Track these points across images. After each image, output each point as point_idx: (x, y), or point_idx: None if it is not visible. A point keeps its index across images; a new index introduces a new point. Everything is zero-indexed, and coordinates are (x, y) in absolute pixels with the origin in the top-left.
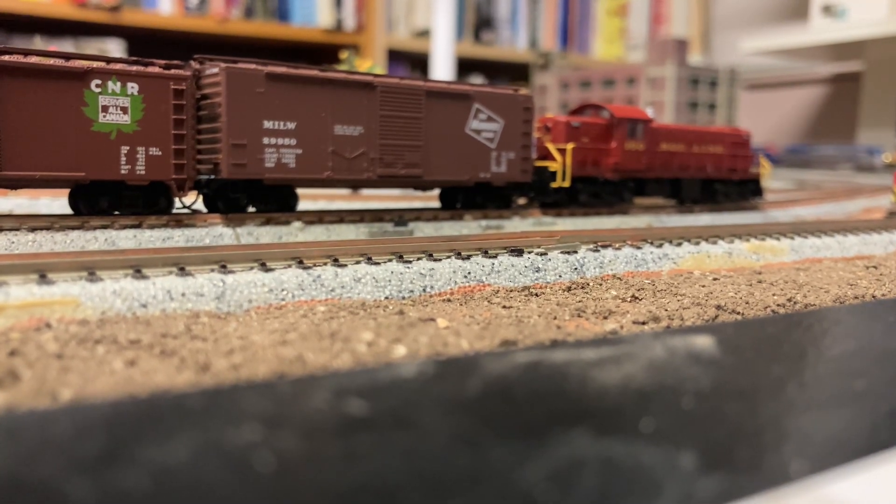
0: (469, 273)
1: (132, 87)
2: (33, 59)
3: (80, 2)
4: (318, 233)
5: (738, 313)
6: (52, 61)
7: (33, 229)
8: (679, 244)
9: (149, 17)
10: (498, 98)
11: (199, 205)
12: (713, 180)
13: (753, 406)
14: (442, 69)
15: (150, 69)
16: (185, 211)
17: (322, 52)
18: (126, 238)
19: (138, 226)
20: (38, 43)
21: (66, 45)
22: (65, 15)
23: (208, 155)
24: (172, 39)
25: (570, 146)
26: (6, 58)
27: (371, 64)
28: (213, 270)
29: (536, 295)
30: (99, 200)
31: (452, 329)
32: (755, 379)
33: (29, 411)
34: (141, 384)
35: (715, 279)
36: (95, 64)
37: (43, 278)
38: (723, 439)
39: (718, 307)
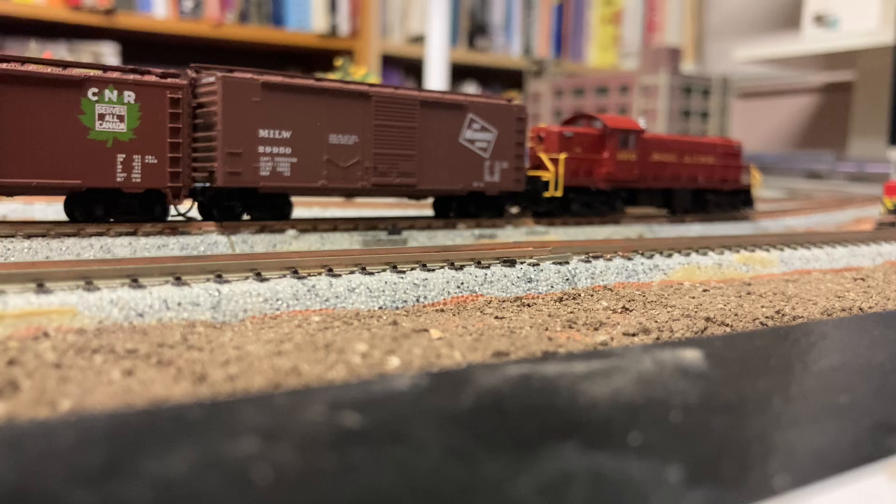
0: (462, 283)
1: (129, 96)
2: (31, 67)
3: (75, 4)
4: (312, 241)
5: (727, 325)
6: (49, 69)
7: (29, 236)
8: (669, 255)
9: (143, 21)
10: (492, 108)
11: (195, 212)
12: (704, 190)
13: (740, 420)
14: (436, 75)
15: (147, 78)
16: (180, 218)
17: (317, 58)
18: (121, 246)
19: (134, 233)
20: (33, 47)
21: (61, 49)
22: (59, 18)
23: (204, 163)
24: (167, 43)
25: (562, 156)
26: (3, 66)
27: (366, 72)
28: (208, 280)
29: (528, 306)
30: (95, 208)
31: (445, 340)
32: (742, 393)
33: (30, 421)
34: (139, 394)
35: (705, 290)
36: (92, 72)
37: (40, 287)
38: (709, 453)
39: (708, 319)
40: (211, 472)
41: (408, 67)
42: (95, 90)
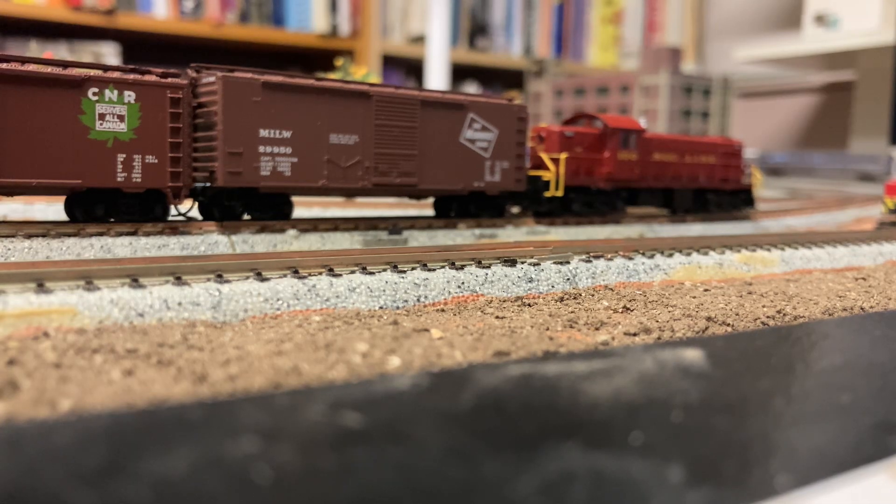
0: (463, 283)
1: (129, 96)
2: (31, 67)
3: (75, 4)
4: (312, 241)
5: (729, 325)
6: (49, 69)
7: (29, 236)
8: (670, 255)
9: (144, 21)
10: (492, 108)
11: (195, 212)
12: (705, 190)
13: (741, 420)
14: (437, 75)
15: (147, 78)
16: (181, 218)
17: (317, 58)
18: (122, 245)
19: (134, 233)
20: (34, 47)
21: (61, 49)
22: (59, 18)
23: (204, 163)
24: (167, 43)
25: (563, 156)
26: (4, 66)
27: (366, 72)
28: (209, 280)
29: (529, 305)
30: (95, 207)
31: (446, 340)
32: (743, 392)
33: (30, 421)
34: (139, 394)
35: (706, 290)
36: (93, 72)
37: (40, 287)
38: (710, 453)
39: (709, 318)
40: (211, 472)
41: (408, 67)
42: (96, 90)
